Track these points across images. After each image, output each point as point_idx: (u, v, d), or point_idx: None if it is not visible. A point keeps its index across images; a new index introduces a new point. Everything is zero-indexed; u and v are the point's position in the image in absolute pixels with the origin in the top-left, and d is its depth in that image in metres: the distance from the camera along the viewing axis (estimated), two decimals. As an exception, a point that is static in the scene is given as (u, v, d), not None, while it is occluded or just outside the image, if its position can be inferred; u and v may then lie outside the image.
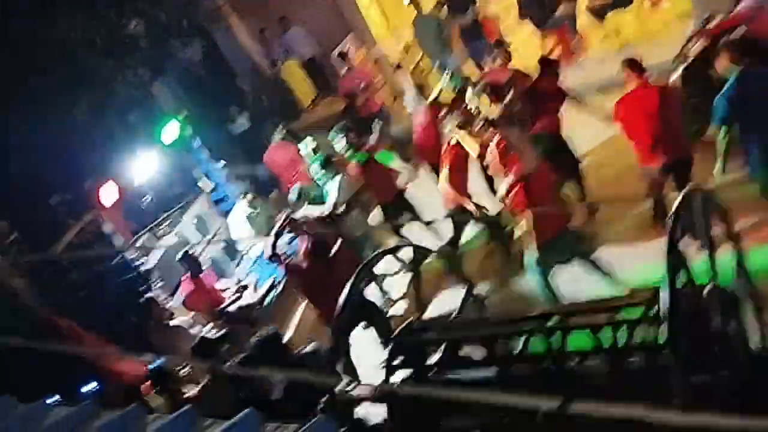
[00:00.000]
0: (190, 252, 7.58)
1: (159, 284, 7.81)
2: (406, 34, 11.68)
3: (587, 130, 7.69)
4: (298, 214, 7.13)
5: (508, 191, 5.92)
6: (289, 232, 6.81)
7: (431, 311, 5.48)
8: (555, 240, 5.94)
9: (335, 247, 6.57)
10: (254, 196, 8.55)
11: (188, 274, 7.43)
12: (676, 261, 3.44)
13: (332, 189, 7.30)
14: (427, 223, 7.59)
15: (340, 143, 7.66)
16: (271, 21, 12.72)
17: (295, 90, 12.82)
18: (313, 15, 12.36)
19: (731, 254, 4.16)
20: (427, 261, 7.15)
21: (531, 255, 5.95)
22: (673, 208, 3.68)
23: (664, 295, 3.33)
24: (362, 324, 4.57)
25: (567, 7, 10.85)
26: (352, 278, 4.47)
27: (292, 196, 7.62)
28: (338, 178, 7.32)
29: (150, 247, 8.28)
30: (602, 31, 10.53)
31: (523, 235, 5.94)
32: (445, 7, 11.30)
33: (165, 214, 8.80)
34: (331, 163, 7.45)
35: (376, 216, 8.11)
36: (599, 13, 10.57)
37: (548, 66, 7.41)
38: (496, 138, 6.06)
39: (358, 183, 7.48)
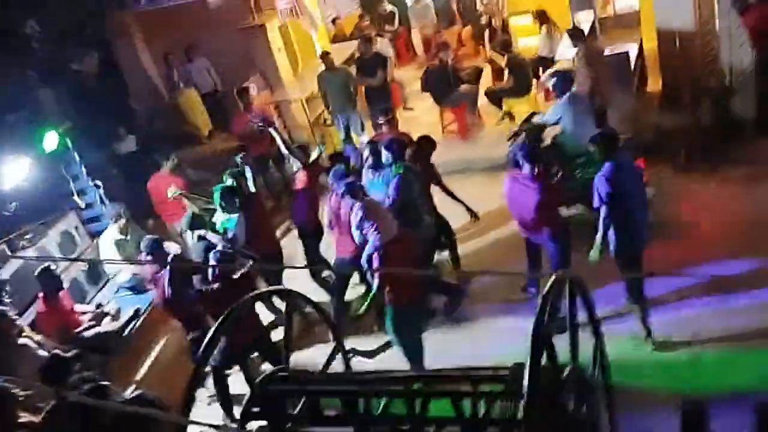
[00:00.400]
0: (50, 269, 7.11)
1: (9, 299, 7.25)
2: (312, 85, 11.79)
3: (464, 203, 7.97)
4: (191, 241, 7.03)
5: (370, 255, 6.01)
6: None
7: (298, 361, 5.38)
8: (414, 306, 6.05)
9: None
10: (127, 221, 8.19)
11: (45, 292, 6.96)
12: (541, 341, 3.56)
13: (233, 225, 7.23)
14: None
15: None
16: (178, 47, 12.52)
17: (191, 120, 12.57)
18: (222, 49, 12.24)
19: (591, 340, 4.37)
20: (302, 310, 7.11)
21: (390, 319, 6.04)
22: (543, 291, 3.83)
23: (526, 373, 3.43)
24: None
25: (468, 87, 11.35)
26: (219, 323, 4.30)
27: (184, 222, 7.39)
28: (239, 215, 7.26)
29: (5, 257, 7.70)
30: (499, 114, 11.04)
31: (381, 298, 6.02)
32: (356, 65, 11.56)
33: (29, 226, 8.26)
34: (230, 198, 7.33)
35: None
36: (496, 98, 11.10)
37: (424, 145, 7.68)
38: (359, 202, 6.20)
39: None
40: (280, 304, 7.28)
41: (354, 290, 7.68)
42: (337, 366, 4.98)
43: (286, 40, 12.87)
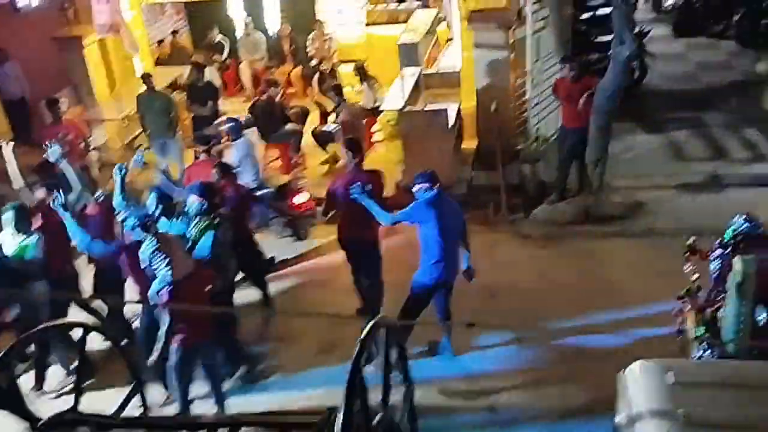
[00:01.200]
0: None
1: None
2: (130, 105, 11.18)
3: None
4: None
5: (157, 291, 5.64)
6: None
7: (93, 402, 4.90)
8: (200, 348, 5.74)
9: None
10: None
11: None
12: (355, 386, 3.52)
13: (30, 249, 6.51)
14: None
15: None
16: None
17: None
18: (32, 56, 11.29)
19: (402, 388, 4.41)
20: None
21: (173, 359, 5.68)
22: (361, 336, 3.81)
23: (338, 418, 3.37)
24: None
25: (294, 126, 11.33)
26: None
27: None
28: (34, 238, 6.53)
29: None
30: (323, 156, 11.11)
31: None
32: (186, 93, 11.16)
33: None
34: (26, 217, 6.61)
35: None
36: (321, 141, 11.17)
37: (225, 171, 7.64)
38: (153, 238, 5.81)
39: None
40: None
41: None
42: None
43: (104, 55, 12.18)
